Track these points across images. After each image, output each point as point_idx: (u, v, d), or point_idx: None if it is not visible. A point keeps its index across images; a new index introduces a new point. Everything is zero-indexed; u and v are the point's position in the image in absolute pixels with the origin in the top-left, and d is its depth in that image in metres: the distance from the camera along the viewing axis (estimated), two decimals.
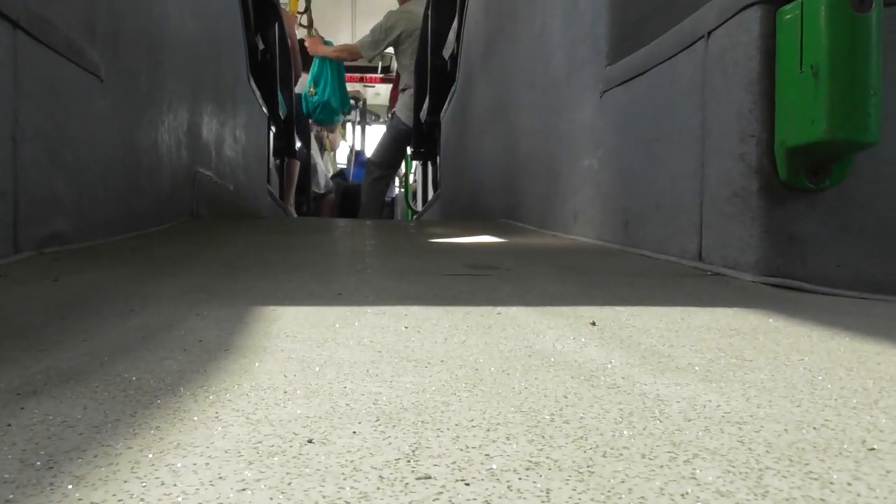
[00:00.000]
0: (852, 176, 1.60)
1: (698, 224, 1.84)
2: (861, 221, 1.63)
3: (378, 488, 0.53)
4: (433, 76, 6.30)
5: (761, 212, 1.61)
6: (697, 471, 0.56)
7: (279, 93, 6.20)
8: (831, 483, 0.54)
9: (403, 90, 7.24)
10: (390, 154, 7.48)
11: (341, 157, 12.14)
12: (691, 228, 1.87)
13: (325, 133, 9.82)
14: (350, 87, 9.22)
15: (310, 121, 7.76)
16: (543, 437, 0.64)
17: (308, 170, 7.95)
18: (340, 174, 10.95)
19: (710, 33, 1.79)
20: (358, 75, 11.67)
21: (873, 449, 0.61)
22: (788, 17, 1.55)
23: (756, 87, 1.61)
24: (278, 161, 6.93)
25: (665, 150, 2.04)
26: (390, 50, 7.42)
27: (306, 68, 7.53)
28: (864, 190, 1.63)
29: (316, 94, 7.35)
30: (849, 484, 0.54)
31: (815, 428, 0.67)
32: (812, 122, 1.49)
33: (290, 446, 0.61)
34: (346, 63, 7.74)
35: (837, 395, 0.78)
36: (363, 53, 7.11)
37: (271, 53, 5.95)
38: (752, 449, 0.61)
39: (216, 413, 0.69)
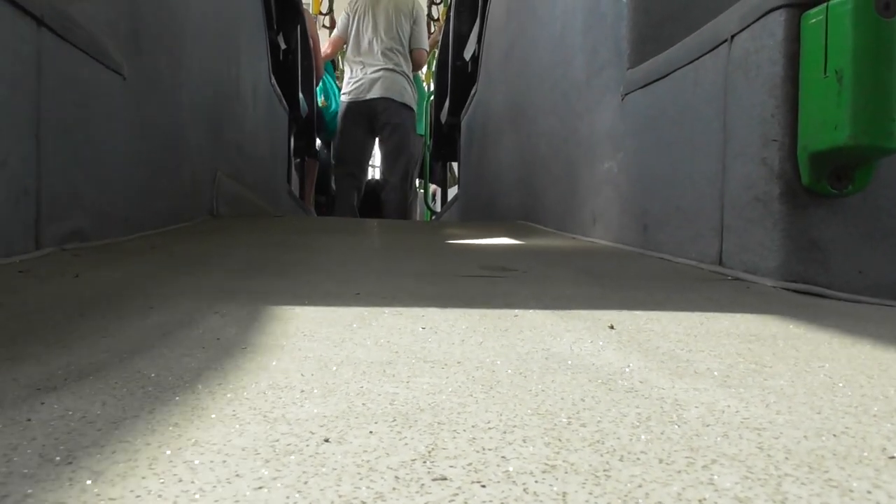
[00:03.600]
0: (875, 181, 1.59)
1: (719, 228, 1.82)
2: (884, 227, 1.61)
3: (394, 489, 0.53)
4: (454, 77, 6.30)
5: (783, 216, 1.60)
6: (715, 476, 0.56)
7: (300, 93, 6.22)
8: (851, 491, 0.54)
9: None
10: (343, 144, 6.79)
11: None
12: (712, 232, 1.86)
13: None
14: None
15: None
16: (560, 440, 0.64)
17: (327, 170, 7.96)
18: None
19: (733, 37, 1.78)
20: None
21: (893, 457, 0.61)
22: (813, 21, 1.54)
23: (779, 91, 1.60)
24: (298, 160, 6.95)
25: (686, 154, 2.03)
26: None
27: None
28: (888, 196, 1.61)
29: (329, 103, 7.31)
30: (868, 492, 0.54)
31: (834, 435, 0.66)
32: (835, 128, 1.48)
33: (307, 445, 0.61)
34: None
35: (858, 402, 0.77)
36: (340, 34, 7.04)
37: (293, 53, 5.97)
38: (770, 455, 0.61)
39: (234, 411, 0.69)
